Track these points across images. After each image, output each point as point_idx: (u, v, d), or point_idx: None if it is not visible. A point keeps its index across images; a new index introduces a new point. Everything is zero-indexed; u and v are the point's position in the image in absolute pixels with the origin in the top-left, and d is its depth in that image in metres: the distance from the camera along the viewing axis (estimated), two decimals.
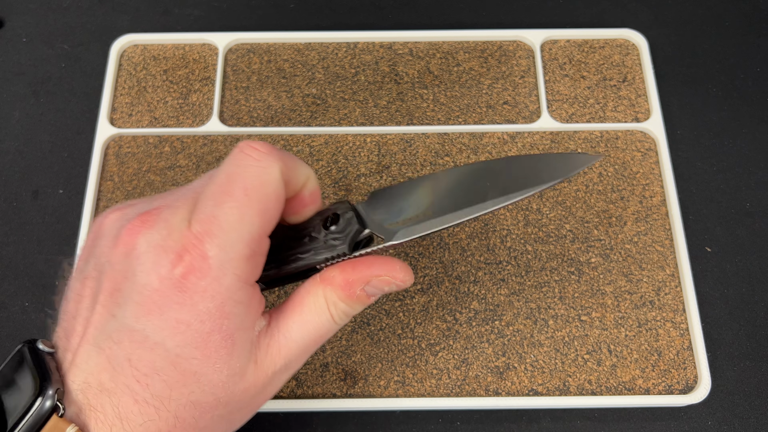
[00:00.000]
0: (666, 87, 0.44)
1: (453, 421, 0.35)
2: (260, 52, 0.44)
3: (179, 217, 0.23)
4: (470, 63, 0.44)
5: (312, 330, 0.25)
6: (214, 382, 0.23)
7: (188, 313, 0.22)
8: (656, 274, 0.38)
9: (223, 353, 0.23)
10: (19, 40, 0.46)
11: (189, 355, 0.22)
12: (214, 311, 0.22)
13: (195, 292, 0.22)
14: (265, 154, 0.23)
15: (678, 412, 0.36)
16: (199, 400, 0.23)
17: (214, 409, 0.23)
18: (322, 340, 0.26)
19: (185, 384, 0.22)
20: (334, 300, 0.25)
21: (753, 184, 0.41)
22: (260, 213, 0.23)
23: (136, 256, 0.23)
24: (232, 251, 0.22)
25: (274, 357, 0.25)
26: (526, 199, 0.39)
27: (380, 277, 0.25)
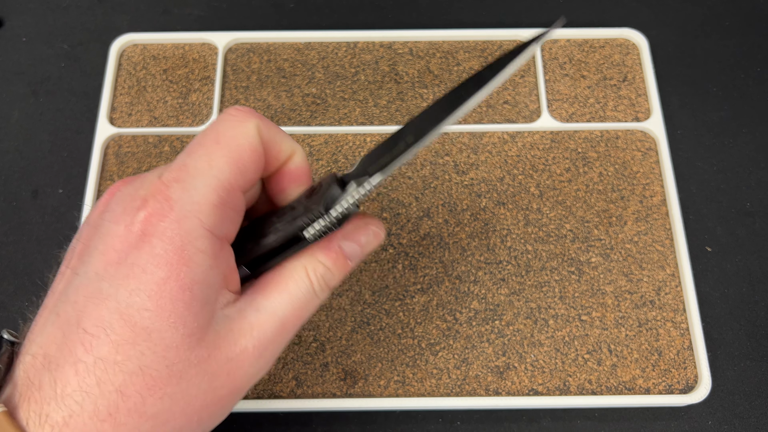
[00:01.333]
0: (666, 86, 0.44)
1: (453, 420, 0.35)
2: (260, 52, 0.44)
3: (155, 173, 0.22)
4: (470, 63, 0.44)
5: (289, 302, 0.23)
6: (167, 341, 0.20)
7: (145, 257, 0.20)
8: (656, 273, 0.38)
9: (180, 307, 0.20)
10: (18, 40, 0.46)
11: (141, 306, 0.20)
12: (172, 255, 0.20)
13: (154, 234, 0.20)
14: (243, 112, 0.23)
15: (678, 411, 0.36)
16: (149, 367, 0.20)
17: (166, 383, 0.20)
18: (302, 314, 0.24)
19: (135, 343, 0.20)
20: (313, 264, 0.24)
21: (753, 183, 0.41)
22: (231, 161, 0.22)
23: (108, 209, 0.22)
24: (197, 194, 0.21)
25: (244, 333, 0.22)
26: (527, 199, 0.39)
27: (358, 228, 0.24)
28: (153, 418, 0.20)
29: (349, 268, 0.25)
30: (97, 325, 0.20)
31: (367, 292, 0.37)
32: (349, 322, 0.36)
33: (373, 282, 0.37)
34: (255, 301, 0.23)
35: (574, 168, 0.40)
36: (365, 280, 0.37)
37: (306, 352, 0.35)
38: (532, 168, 0.40)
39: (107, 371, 0.20)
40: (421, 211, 0.39)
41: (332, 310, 0.36)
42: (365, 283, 0.37)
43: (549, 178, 0.40)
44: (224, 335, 0.22)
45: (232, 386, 0.22)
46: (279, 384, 0.35)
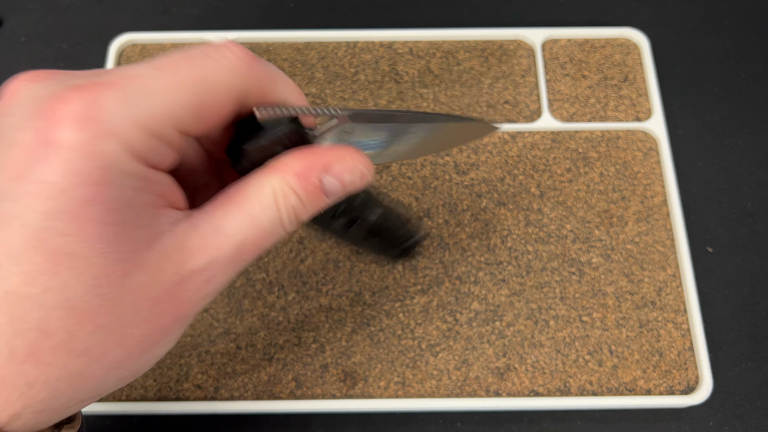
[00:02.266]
0: (667, 86, 0.44)
1: (453, 422, 0.35)
2: (259, 51, 0.44)
3: (87, 74, 0.19)
4: (471, 62, 0.44)
5: (250, 225, 0.20)
6: (97, 268, 0.17)
7: (60, 175, 0.17)
8: (657, 274, 0.37)
9: (108, 230, 0.17)
10: (17, 40, 0.46)
11: (61, 230, 0.17)
12: (94, 173, 0.17)
13: (70, 147, 0.17)
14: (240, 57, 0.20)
15: (679, 412, 0.35)
16: (76, 299, 0.17)
17: (98, 314, 0.18)
18: (260, 245, 0.20)
19: (56, 272, 0.17)
20: (284, 191, 0.20)
21: (754, 183, 0.41)
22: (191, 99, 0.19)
23: (13, 109, 0.18)
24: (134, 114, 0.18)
25: (194, 251, 0.19)
26: (527, 199, 0.39)
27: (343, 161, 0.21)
28: (85, 353, 0.18)
29: (325, 204, 0.22)
30: (4, 253, 0.17)
31: (367, 293, 0.37)
32: (348, 323, 0.36)
33: (373, 283, 0.37)
34: (213, 218, 0.20)
35: (574, 168, 0.40)
36: (365, 281, 0.37)
37: (305, 354, 0.35)
38: (532, 168, 0.40)
39: (23, 307, 0.17)
40: (421, 212, 0.39)
41: (332, 311, 0.36)
42: (365, 283, 0.37)
43: (550, 178, 0.40)
44: (171, 254, 0.19)
45: (176, 312, 0.19)
46: (278, 385, 0.35)
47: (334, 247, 0.38)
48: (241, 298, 0.37)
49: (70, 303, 0.17)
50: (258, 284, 0.37)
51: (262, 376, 0.35)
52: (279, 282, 0.37)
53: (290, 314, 0.36)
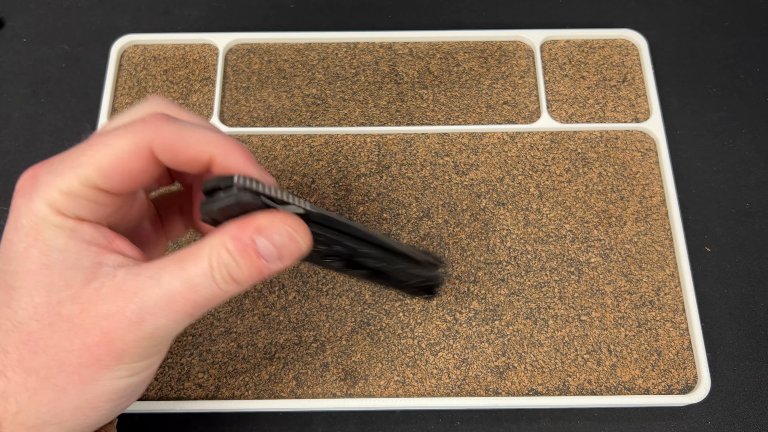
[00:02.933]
0: (666, 87, 0.44)
1: (453, 420, 0.35)
2: (260, 53, 0.44)
3: None
4: (470, 63, 0.44)
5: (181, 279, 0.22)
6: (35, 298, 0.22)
7: (11, 231, 0.22)
8: (656, 274, 0.38)
9: (42, 269, 0.22)
10: (19, 41, 0.46)
11: (12, 271, 0.22)
12: (28, 227, 0.22)
13: (16, 209, 0.22)
14: (143, 122, 0.22)
15: (678, 411, 0.36)
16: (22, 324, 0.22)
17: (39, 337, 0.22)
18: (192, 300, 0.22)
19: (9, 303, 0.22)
20: (218, 249, 0.22)
21: (753, 184, 0.41)
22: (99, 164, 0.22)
23: None
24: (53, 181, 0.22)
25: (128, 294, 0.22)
26: (526, 200, 0.39)
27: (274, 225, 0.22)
28: (35, 372, 0.22)
29: (264, 267, 0.22)
30: None
31: (367, 292, 0.37)
32: (349, 322, 0.36)
33: None
34: (154, 269, 0.22)
35: (573, 168, 0.40)
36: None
37: (306, 352, 0.36)
38: (531, 168, 0.40)
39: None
40: (421, 212, 0.39)
41: (332, 310, 0.36)
42: (365, 283, 0.37)
43: (549, 178, 0.40)
44: (106, 293, 0.22)
45: (109, 347, 0.22)
46: (279, 384, 0.35)
47: None
48: (242, 297, 0.37)
49: (18, 327, 0.22)
50: (259, 284, 0.37)
51: (262, 375, 0.35)
52: (280, 281, 0.37)
53: (291, 313, 0.36)
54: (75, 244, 0.22)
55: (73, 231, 0.22)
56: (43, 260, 0.22)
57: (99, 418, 0.23)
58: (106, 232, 0.23)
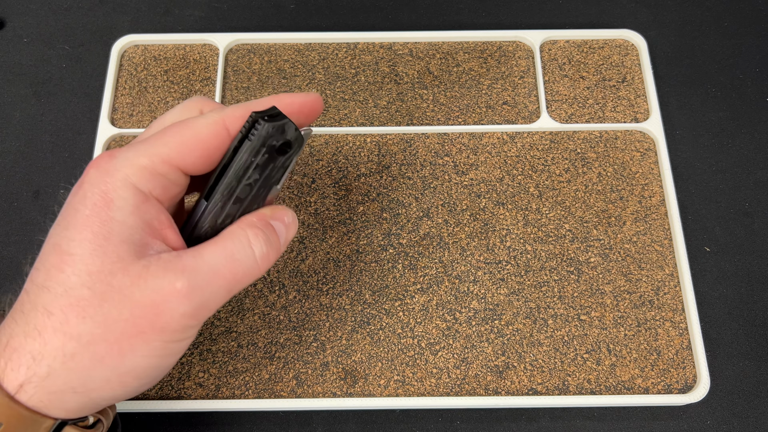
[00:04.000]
0: (665, 87, 0.44)
1: (453, 420, 0.35)
2: (261, 53, 0.44)
3: None
4: (470, 63, 0.44)
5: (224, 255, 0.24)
6: (89, 266, 0.22)
7: (78, 199, 0.23)
8: (655, 273, 0.38)
9: (100, 238, 0.23)
10: (20, 41, 0.46)
11: (68, 236, 0.23)
12: (97, 198, 0.23)
13: (88, 182, 0.24)
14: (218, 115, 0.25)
15: (677, 411, 0.36)
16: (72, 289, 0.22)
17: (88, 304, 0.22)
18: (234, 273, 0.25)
19: (61, 268, 0.22)
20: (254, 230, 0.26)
21: (752, 184, 0.41)
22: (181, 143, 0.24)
23: None
24: (134, 156, 0.24)
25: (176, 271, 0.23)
26: (526, 199, 0.39)
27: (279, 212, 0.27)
28: (76, 338, 0.22)
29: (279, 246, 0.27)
30: (40, 259, 0.23)
31: (367, 292, 0.37)
32: (349, 321, 0.36)
33: (373, 282, 0.37)
34: (195, 251, 0.24)
35: (573, 168, 0.40)
36: (365, 280, 0.37)
37: (306, 352, 0.36)
38: (531, 168, 0.40)
39: (39, 293, 0.22)
40: (420, 211, 0.39)
41: (332, 309, 0.37)
42: (365, 283, 0.37)
43: (548, 178, 0.40)
44: (154, 270, 0.23)
45: (155, 320, 0.23)
46: (279, 383, 0.35)
47: (335, 246, 0.38)
48: (242, 297, 0.37)
49: (68, 292, 0.22)
50: (259, 283, 0.37)
51: (263, 375, 0.35)
52: (280, 281, 0.37)
53: (291, 313, 0.37)
54: (134, 221, 0.23)
55: (138, 208, 0.23)
56: (103, 230, 0.23)
57: (121, 394, 0.24)
58: (164, 218, 0.24)
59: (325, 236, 0.38)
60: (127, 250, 0.23)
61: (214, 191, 0.25)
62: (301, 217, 0.39)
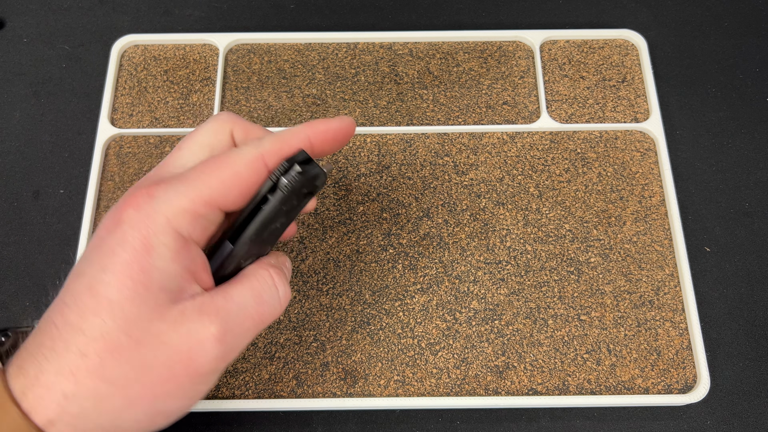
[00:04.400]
0: (665, 87, 0.44)
1: (453, 420, 0.35)
2: (260, 53, 0.44)
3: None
4: (470, 63, 0.44)
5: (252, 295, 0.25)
6: (126, 312, 0.22)
7: (116, 241, 0.23)
8: (655, 273, 0.38)
9: (139, 285, 0.23)
10: (19, 41, 0.46)
11: (106, 280, 0.22)
12: (138, 242, 0.23)
13: (127, 222, 0.23)
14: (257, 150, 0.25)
15: (677, 411, 0.36)
16: (109, 333, 0.22)
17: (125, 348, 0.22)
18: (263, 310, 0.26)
19: (97, 311, 0.22)
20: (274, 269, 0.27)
21: (752, 184, 0.41)
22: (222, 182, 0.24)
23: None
24: (176, 197, 0.23)
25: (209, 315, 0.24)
26: (526, 199, 0.39)
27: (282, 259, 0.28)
28: (111, 382, 0.22)
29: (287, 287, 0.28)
30: (72, 296, 0.23)
31: (367, 292, 0.37)
32: (349, 322, 0.36)
33: (373, 282, 0.37)
34: (225, 291, 0.25)
35: (573, 168, 0.40)
36: (365, 280, 0.37)
37: (306, 352, 0.36)
38: (531, 168, 0.40)
39: (73, 334, 0.22)
40: (420, 211, 0.39)
41: (332, 310, 0.37)
42: (365, 283, 0.37)
43: (548, 178, 0.40)
44: (189, 315, 0.23)
45: (190, 366, 0.23)
46: (279, 383, 0.35)
47: (335, 246, 0.38)
48: None
49: (105, 336, 0.22)
50: None
51: (263, 375, 0.35)
52: None
53: (291, 313, 0.37)
54: (174, 268, 0.23)
55: (178, 254, 0.23)
56: (142, 278, 0.23)
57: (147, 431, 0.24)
58: (200, 260, 0.25)
59: (325, 236, 0.38)
60: (165, 297, 0.23)
61: (242, 236, 0.26)
62: (301, 216, 0.39)
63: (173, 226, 0.23)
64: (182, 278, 0.24)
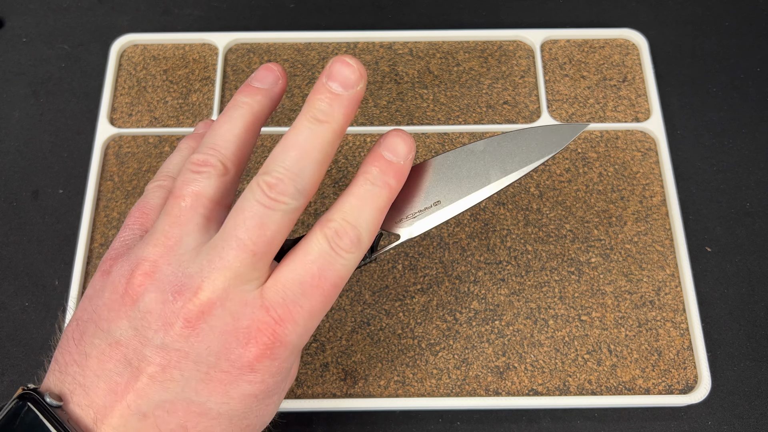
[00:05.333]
0: (666, 87, 0.44)
1: (453, 420, 0.35)
2: (260, 52, 0.44)
3: (249, 294, 0.23)
4: (470, 63, 0.44)
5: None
6: (255, 427, 0.25)
7: (257, 388, 0.23)
8: (656, 274, 0.38)
9: (272, 406, 0.25)
10: (19, 40, 0.46)
11: (253, 414, 0.24)
12: (280, 381, 0.24)
13: (266, 371, 0.23)
14: (354, 252, 0.24)
15: (678, 411, 0.36)
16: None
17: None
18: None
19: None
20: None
21: (753, 184, 0.41)
22: (330, 303, 0.24)
23: (201, 339, 0.22)
24: (305, 337, 0.24)
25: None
26: (527, 199, 0.39)
27: None
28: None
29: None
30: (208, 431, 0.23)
31: (367, 292, 0.37)
32: (349, 322, 0.36)
33: (373, 282, 0.37)
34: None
35: (573, 168, 0.40)
36: (365, 281, 0.37)
37: (306, 353, 0.35)
38: None
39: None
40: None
41: (332, 310, 0.36)
42: (365, 283, 0.37)
43: (549, 178, 0.40)
44: None
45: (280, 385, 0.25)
46: None
47: None
48: None
49: None
50: None
51: None
52: None
53: None
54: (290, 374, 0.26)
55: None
56: (274, 400, 0.25)
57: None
58: None
59: None
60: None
61: None
62: (301, 217, 0.39)
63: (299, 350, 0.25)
64: None
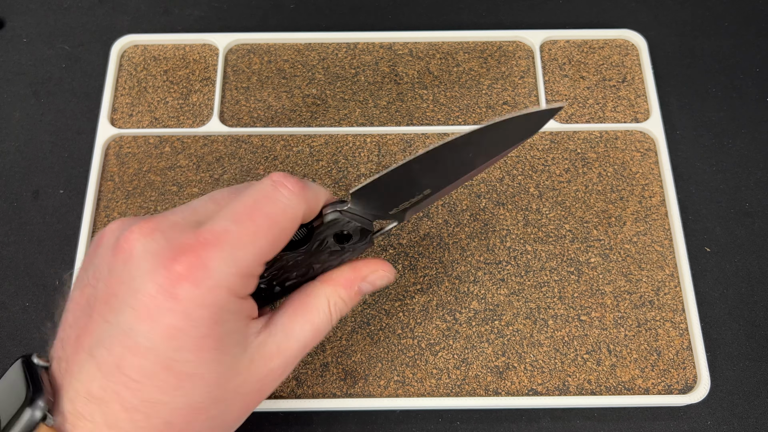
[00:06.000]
0: (665, 87, 0.44)
1: (453, 420, 0.35)
2: (260, 53, 0.44)
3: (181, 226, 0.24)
4: (470, 63, 0.44)
5: (311, 329, 0.27)
6: (208, 380, 0.23)
7: (182, 320, 0.22)
8: (655, 274, 0.38)
9: (216, 354, 0.23)
10: (19, 41, 0.46)
11: (183, 359, 0.23)
12: (207, 318, 0.23)
13: (188, 299, 0.22)
14: (296, 193, 0.25)
15: (677, 411, 0.36)
16: (193, 402, 0.23)
17: (208, 409, 0.24)
18: (319, 339, 0.27)
19: (179, 386, 0.23)
20: (335, 299, 0.27)
21: (752, 184, 0.41)
22: (271, 242, 0.24)
23: (134, 262, 0.23)
24: (234, 266, 0.23)
25: (272, 355, 0.25)
26: (526, 200, 0.39)
27: (375, 272, 0.29)
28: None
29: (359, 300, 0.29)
30: (141, 372, 0.23)
31: None
32: (349, 322, 0.36)
33: None
34: (284, 326, 0.26)
35: (573, 168, 0.40)
36: None
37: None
38: (531, 168, 0.40)
39: (155, 408, 0.23)
40: (420, 211, 0.39)
41: None
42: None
43: (548, 178, 0.40)
44: (257, 360, 0.25)
45: (260, 398, 0.26)
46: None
47: None
48: None
49: (189, 404, 0.23)
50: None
51: None
52: None
53: None
54: (241, 325, 0.25)
55: (241, 311, 0.24)
56: (217, 345, 0.23)
57: None
58: (254, 304, 0.26)
59: None
60: (236, 351, 0.24)
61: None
62: None
63: (235, 292, 0.24)
64: (246, 327, 0.25)
